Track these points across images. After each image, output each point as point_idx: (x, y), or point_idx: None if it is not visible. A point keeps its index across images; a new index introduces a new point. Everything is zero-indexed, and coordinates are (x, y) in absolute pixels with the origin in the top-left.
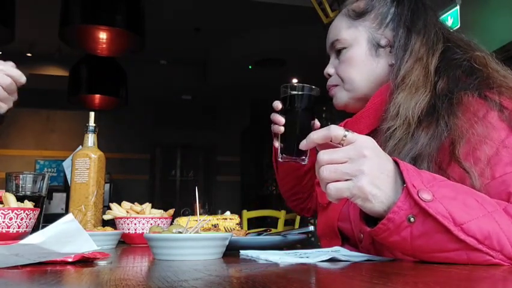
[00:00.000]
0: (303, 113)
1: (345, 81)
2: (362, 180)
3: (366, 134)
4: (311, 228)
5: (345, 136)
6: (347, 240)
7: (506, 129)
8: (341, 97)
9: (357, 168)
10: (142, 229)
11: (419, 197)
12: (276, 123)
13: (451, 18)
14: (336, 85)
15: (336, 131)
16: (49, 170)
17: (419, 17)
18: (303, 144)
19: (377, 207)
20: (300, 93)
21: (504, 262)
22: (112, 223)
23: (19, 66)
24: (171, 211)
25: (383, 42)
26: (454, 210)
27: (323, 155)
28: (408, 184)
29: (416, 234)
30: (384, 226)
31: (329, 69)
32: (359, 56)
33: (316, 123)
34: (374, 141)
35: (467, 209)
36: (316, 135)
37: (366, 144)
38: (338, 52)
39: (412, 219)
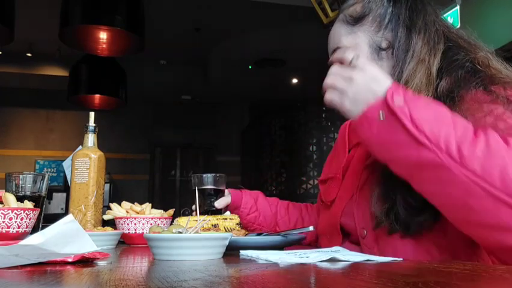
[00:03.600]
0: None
1: None
2: (352, 85)
3: None
4: (311, 228)
5: (351, 59)
6: (347, 237)
7: None
8: None
9: (352, 75)
10: (142, 229)
11: (392, 98)
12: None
13: (450, 18)
14: None
15: (347, 54)
16: (49, 170)
17: (418, 16)
18: None
19: (358, 111)
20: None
21: (449, 164)
22: (112, 223)
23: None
24: (171, 211)
25: (384, 44)
26: (415, 111)
27: (333, 68)
28: (387, 92)
29: (382, 130)
30: (359, 120)
31: None
32: None
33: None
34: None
35: (430, 114)
36: (332, 59)
37: (368, 68)
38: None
39: (381, 115)
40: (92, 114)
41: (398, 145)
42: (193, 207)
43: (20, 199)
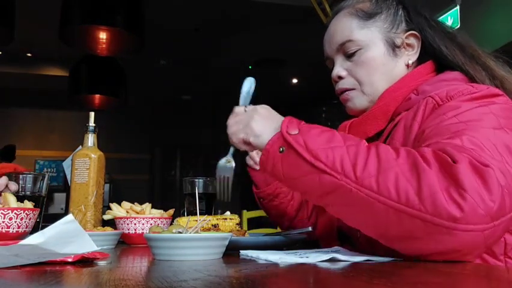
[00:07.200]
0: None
1: (364, 83)
2: (251, 121)
3: (374, 135)
4: (311, 228)
5: (245, 109)
6: (346, 240)
7: None
8: (360, 101)
9: (250, 115)
10: (142, 229)
11: (287, 132)
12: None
13: (450, 18)
14: (352, 89)
15: (238, 108)
16: (49, 170)
17: (430, 25)
18: None
19: (265, 141)
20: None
21: (348, 185)
22: (112, 223)
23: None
24: (171, 211)
25: (398, 41)
26: (310, 141)
27: (229, 121)
28: (282, 125)
29: (285, 162)
30: (264, 156)
31: (341, 72)
32: (379, 57)
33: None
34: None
35: (324, 142)
36: (229, 118)
37: (260, 106)
38: (349, 54)
39: (281, 149)
40: (92, 114)
41: (302, 175)
42: (181, 211)
43: (20, 199)
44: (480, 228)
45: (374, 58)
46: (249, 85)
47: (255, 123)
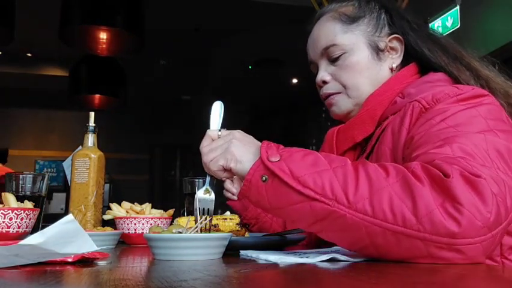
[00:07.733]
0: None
1: (349, 87)
2: (231, 146)
3: (361, 140)
4: None
5: (219, 133)
6: None
7: None
8: (345, 105)
9: (227, 140)
10: (142, 229)
11: (268, 160)
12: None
13: (450, 18)
14: (337, 93)
15: (212, 132)
16: (49, 170)
17: (416, 28)
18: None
19: (247, 168)
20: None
21: (341, 210)
22: (112, 223)
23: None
24: (171, 211)
25: (381, 45)
26: (294, 167)
27: (204, 148)
28: (262, 151)
29: (270, 191)
30: (246, 187)
31: (325, 76)
32: (363, 61)
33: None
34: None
35: (309, 166)
36: (202, 145)
37: (236, 131)
38: (333, 58)
39: (264, 178)
40: (92, 114)
41: (290, 204)
42: (181, 211)
43: (20, 199)
44: (479, 240)
45: (358, 62)
46: (219, 108)
47: (235, 148)
